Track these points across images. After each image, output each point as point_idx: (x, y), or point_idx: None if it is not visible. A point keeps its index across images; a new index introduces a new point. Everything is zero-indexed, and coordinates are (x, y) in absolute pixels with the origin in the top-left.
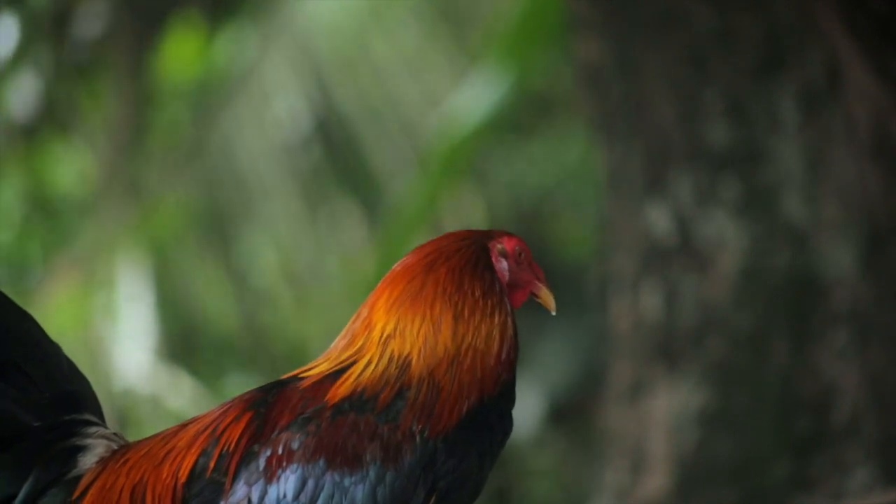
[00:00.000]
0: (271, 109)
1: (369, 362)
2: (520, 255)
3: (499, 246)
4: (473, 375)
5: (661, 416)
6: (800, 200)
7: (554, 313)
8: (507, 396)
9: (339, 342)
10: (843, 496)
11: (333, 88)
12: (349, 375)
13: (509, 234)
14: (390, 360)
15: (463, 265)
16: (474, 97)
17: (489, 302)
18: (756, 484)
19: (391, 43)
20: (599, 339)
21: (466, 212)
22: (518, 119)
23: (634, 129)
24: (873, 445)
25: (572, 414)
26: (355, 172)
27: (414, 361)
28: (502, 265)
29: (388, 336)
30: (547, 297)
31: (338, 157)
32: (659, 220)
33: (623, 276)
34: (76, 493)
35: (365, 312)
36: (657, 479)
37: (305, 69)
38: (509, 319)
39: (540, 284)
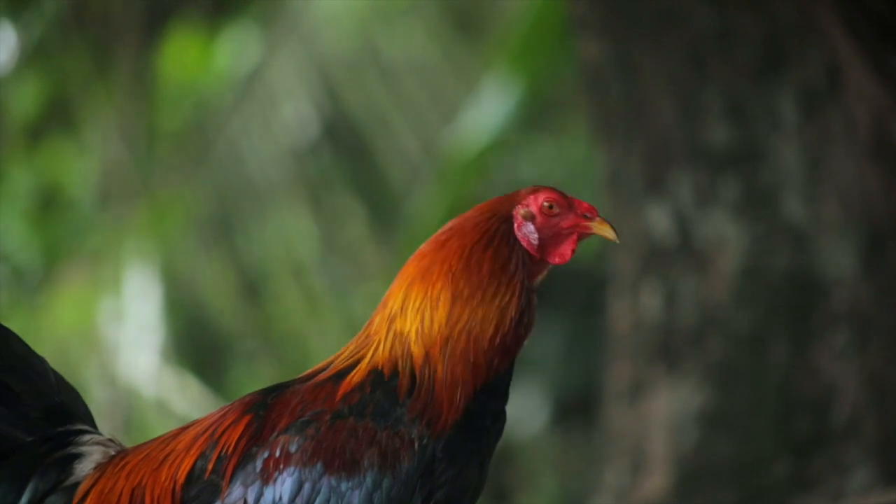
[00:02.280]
0: (279, 112)
1: (378, 345)
2: (551, 207)
3: (522, 210)
4: (466, 360)
5: (661, 416)
6: (800, 200)
7: (618, 241)
8: (500, 393)
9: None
10: (843, 496)
11: (341, 91)
12: (359, 369)
13: (537, 189)
14: (394, 337)
15: (475, 242)
16: (487, 109)
17: (495, 282)
18: (756, 484)
19: (399, 45)
20: (602, 338)
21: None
22: (526, 122)
23: (634, 129)
24: (873, 445)
25: (575, 414)
26: (363, 176)
27: (413, 340)
28: (527, 229)
29: (394, 314)
30: (601, 229)
31: (346, 161)
32: (659, 220)
33: (623, 276)
34: (76, 499)
35: (385, 293)
36: (657, 479)
37: (313, 72)
38: (514, 301)
39: (588, 224)
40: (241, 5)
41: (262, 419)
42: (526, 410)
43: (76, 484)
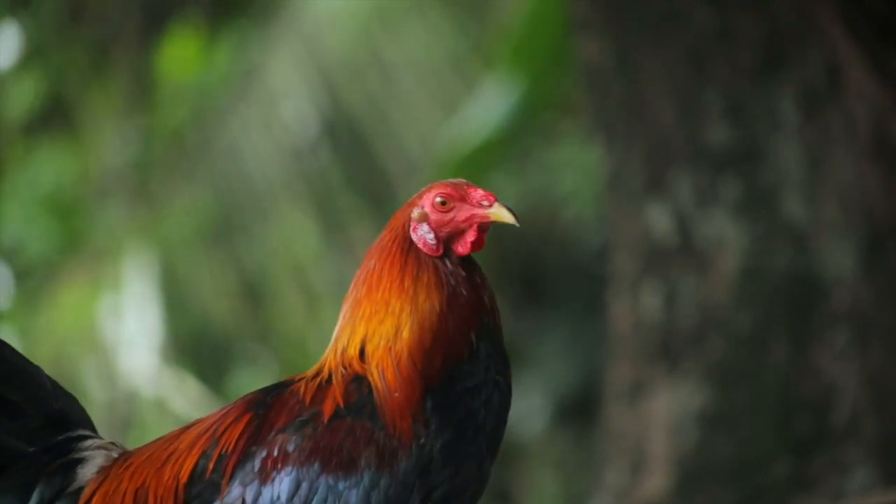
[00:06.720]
0: (279, 112)
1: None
2: (444, 203)
3: (415, 212)
4: (395, 369)
5: (661, 416)
6: (800, 200)
7: (518, 225)
8: (485, 394)
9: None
10: (843, 496)
11: (341, 91)
12: (352, 370)
13: (431, 187)
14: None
15: (382, 264)
16: (485, 106)
17: (397, 292)
18: (756, 484)
19: (399, 44)
20: (602, 338)
21: None
22: (530, 123)
23: (634, 129)
24: (873, 445)
25: (575, 414)
26: (363, 175)
27: (353, 357)
28: (422, 231)
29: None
30: (499, 216)
31: (346, 160)
32: (659, 220)
33: (623, 277)
34: (81, 502)
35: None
36: (657, 479)
37: (312, 71)
38: (432, 298)
39: (482, 212)
40: (241, 5)
41: (261, 418)
42: (526, 411)
43: (80, 489)
